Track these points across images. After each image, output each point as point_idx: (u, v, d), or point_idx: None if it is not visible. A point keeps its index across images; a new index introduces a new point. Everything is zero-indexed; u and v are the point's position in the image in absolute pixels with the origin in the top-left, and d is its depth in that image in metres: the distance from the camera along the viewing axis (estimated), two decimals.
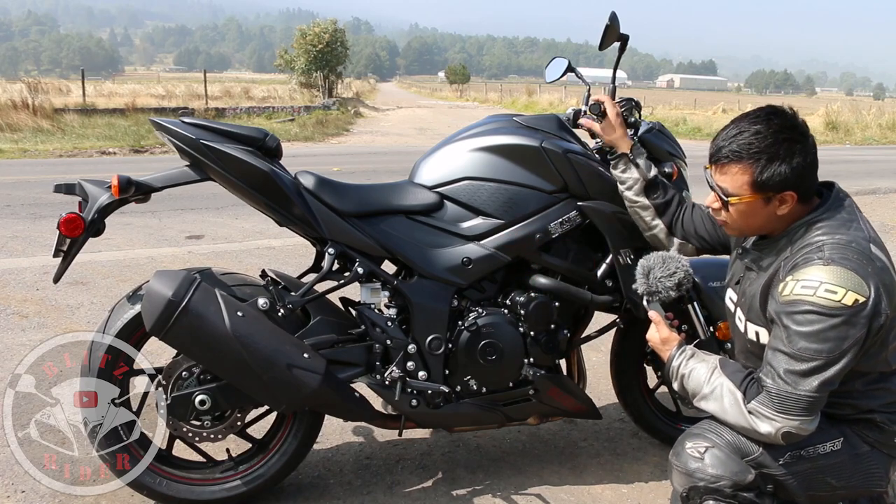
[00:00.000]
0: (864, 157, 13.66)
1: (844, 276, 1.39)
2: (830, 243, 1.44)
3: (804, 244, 1.48)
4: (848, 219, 1.50)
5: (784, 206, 1.50)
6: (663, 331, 1.68)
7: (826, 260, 1.41)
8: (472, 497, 2.15)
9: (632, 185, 1.96)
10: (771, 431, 1.43)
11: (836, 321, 1.38)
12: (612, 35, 2.23)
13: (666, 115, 21.82)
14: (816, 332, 1.39)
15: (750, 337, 1.62)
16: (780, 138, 1.47)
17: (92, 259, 4.48)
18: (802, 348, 1.40)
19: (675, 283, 1.68)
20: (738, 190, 1.51)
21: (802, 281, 1.41)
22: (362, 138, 15.16)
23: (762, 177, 1.47)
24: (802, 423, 1.42)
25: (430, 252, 1.99)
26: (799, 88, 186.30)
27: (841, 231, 1.46)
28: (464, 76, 65.37)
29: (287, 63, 27.04)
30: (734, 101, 37.74)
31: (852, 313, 1.37)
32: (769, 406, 1.43)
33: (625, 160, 1.97)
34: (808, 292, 1.40)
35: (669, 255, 1.73)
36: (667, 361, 1.64)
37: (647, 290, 1.72)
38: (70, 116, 13.88)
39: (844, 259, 1.41)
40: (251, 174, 1.83)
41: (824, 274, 1.40)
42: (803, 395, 1.40)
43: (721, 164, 1.53)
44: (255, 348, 1.77)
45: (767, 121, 1.49)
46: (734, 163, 1.50)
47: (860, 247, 1.44)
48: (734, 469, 1.49)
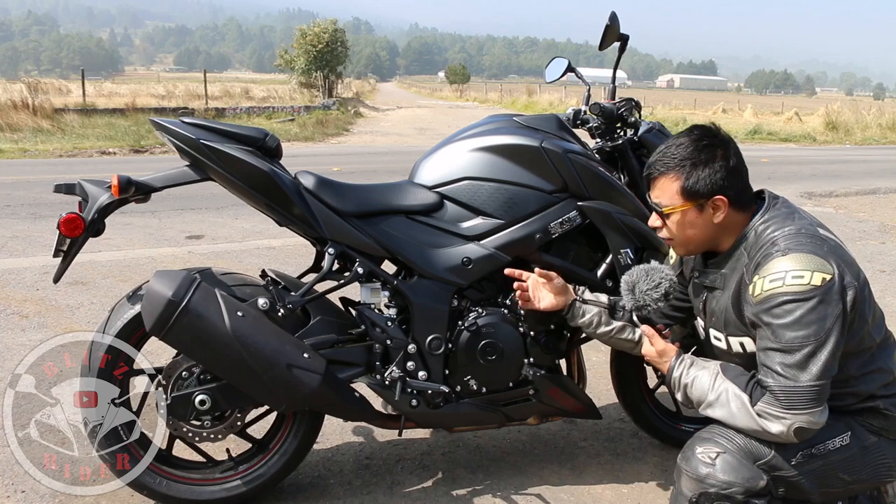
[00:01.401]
0: (864, 157, 13.66)
1: (805, 259, 1.44)
2: (783, 236, 1.50)
3: (759, 245, 1.53)
4: (789, 212, 1.57)
5: (718, 212, 1.56)
6: (658, 343, 1.69)
7: (784, 250, 1.47)
8: (472, 497, 2.15)
9: (597, 320, 1.94)
10: (783, 430, 1.44)
11: (812, 303, 1.42)
12: (612, 35, 2.23)
13: (666, 115, 21.82)
14: (798, 320, 1.42)
15: (736, 350, 1.63)
16: (701, 145, 1.57)
17: (92, 259, 4.48)
18: (790, 339, 1.43)
19: (661, 293, 1.71)
20: (670, 200, 1.59)
21: (769, 276, 1.46)
22: (362, 138, 15.16)
23: (689, 182, 1.56)
24: (812, 415, 1.43)
25: (430, 252, 1.99)
26: (799, 88, 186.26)
27: (787, 223, 1.53)
28: (464, 76, 65.37)
29: (287, 63, 27.03)
30: (734, 101, 37.76)
31: (824, 291, 1.42)
32: (776, 405, 1.43)
33: (575, 308, 1.94)
34: (776, 284, 1.44)
35: (652, 266, 1.76)
36: (667, 373, 1.65)
37: (634, 305, 1.74)
38: (70, 116, 13.88)
39: (800, 245, 1.47)
40: (251, 174, 1.83)
41: (786, 263, 1.45)
42: (806, 385, 1.41)
43: (653, 178, 1.62)
44: (255, 348, 1.77)
45: (689, 133, 1.63)
46: (663, 175, 1.60)
47: (809, 231, 1.51)
48: (746, 475, 1.48)
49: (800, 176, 9.95)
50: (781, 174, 9.91)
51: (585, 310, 1.94)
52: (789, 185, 8.72)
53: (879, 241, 5.93)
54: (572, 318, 1.95)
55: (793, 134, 18.72)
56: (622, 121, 2.25)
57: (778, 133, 18.78)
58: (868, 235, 6.14)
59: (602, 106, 2.21)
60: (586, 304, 1.94)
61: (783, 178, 9.40)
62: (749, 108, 28.52)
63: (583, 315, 1.94)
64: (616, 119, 2.24)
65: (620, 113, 2.23)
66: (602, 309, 1.93)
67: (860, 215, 7.09)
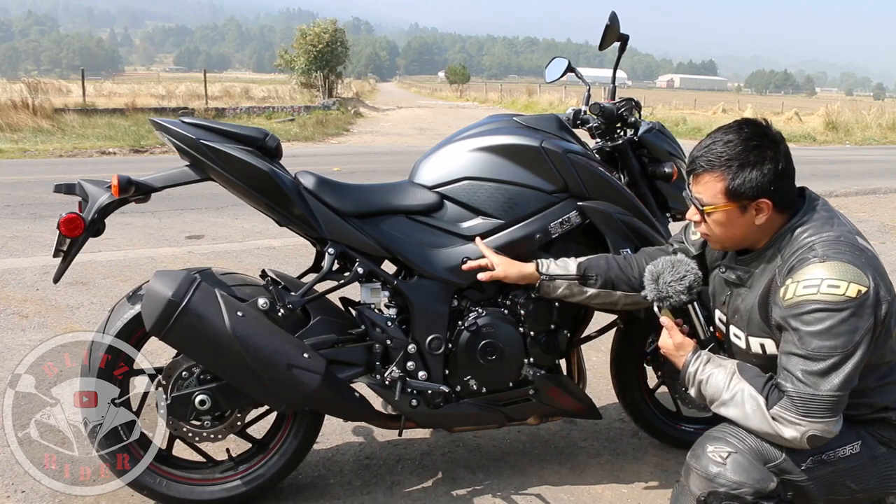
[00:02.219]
0: (864, 157, 13.66)
1: (843, 269, 1.40)
2: (821, 241, 1.46)
3: (794, 248, 1.49)
4: (828, 217, 1.53)
5: (761, 214, 1.52)
6: (677, 336, 1.66)
7: (821, 257, 1.43)
8: (472, 497, 2.15)
9: (571, 290, 1.90)
10: (796, 436, 1.42)
11: (845, 314, 1.38)
12: (612, 35, 2.23)
13: (666, 115, 21.83)
14: (827, 329, 1.39)
15: (755, 350, 1.60)
16: (751, 146, 1.50)
17: (92, 259, 4.48)
18: (816, 347, 1.40)
19: (685, 286, 1.67)
20: (713, 199, 1.54)
21: (803, 281, 1.42)
22: (362, 138, 15.16)
23: (734, 183, 1.50)
24: (827, 424, 1.41)
25: (430, 252, 1.99)
26: (799, 88, 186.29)
27: (826, 229, 1.49)
28: (464, 76, 65.38)
29: (287, 63, 27.03)
30: (734, 101, 37.77)
31: (858, 304, 1.39)
32: (792, 410, 1.42)
33: (545, 283, 1.90)
34: (811, 291, 1.41)
35: (678, 258, 1.73)
36: (682, 367, 1.63)
37: (657, 296, 1.71)
38: (70, 116, 13.88)
39: (838, 253, 1.43)
40: (251, 174, 1.83)
41: (823, 270, 1.41)
42: (825, 395, 1.39)
43: (696, 174, 1.56)
44: (255, 348, 1.77)
45: (739, 130, 1.53)
46: (707, 172, 1.53)
47: (848, 240, 1.47)
48: (757, 476, 1.47)
49: (800, 176, 9.72)
50: None
51: (554, 286, 1.91)
52: None
53: (879, 241, 5.93)
54: (544, 293, 1.93)
55: (793, 134, 18.72)
56: (622, 121, 2.24)
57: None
58: (868, 235, 6.04)
59: (602, 106, 2.21)
60: (553, 280, 1.90)
61: None
62: (749, 108, 28.52)
63: (554, 290, 1.91)
64: (616, 119, 2.24)
65: (620, 113, 2.23)
66: (570, 281, 1.90)
67: (860, 215, 7.08)
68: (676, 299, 1.69)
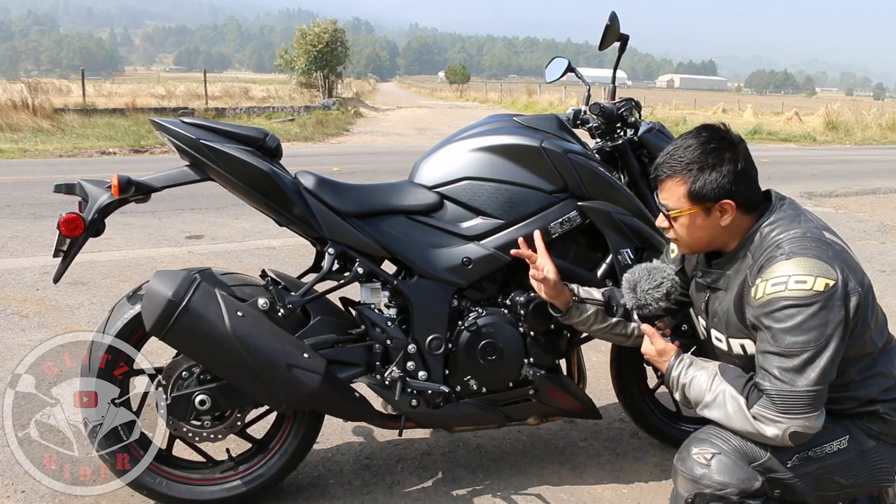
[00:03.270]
0: (864, 157, 13.66)
1: (809, 264, 1.43)
2: (788, 239, 1.49)
3: (763, 248, 1.52)
4: (795, 214, 1.55)
5: (725, 216, 1.55)
6: (658, 342, 1.68)
7: (788, 254, 1.46)
8: (472, 497, 2.15)
9: (594, 318, 1.90)
10: (778, 434, 1.43)
11: (814, 308, 1.41)
12: (612, 35, 2.23)
13: (666, 115, 21.83)
14: (798, 325, 1.41)
15: (737, 352, 1.62)
16: (709, 148, 1.54)
17: (92, 259, 4.48)
18: (789, 344, 1.42)
19: (662, 293, 1.71)
20: (677, 203, 1.58)
21: (772, 279, 1.45)
22: (362, 138, 15.16)
23: (695, 186, 1.54)
24: (808, 420, 1.42)
25: (430, 252, 1.99)
26: (799, 88, 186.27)
27: (793, 226, 1.52)
28: (464, 76, 65.38)
29: (287, 63, 27.01)
30: (734, 101, 37.77)
31: (827, 297, 1.41)
32: (772, 408, 1.43)
33: (575, 307, 1.89)
34: (779, 288, 1.43)
35: (654, 265, 1.76)
36: (665, 372, 1.65)
37: (635, 304, 1.74)
38: (70, 116, 13.87)
39: (804, 249, 1.46)
40: (251, 174, 1.83)
41: (790, 267, 1.44)
42: (803, 390, 1.41)
43: (660, 180, 1.61)
44: (255, 348, 1.77)
45: (697, 135, 1.58)
46: (670, 178, 1.58)
47: (815, 235, 1.50)
48: (741, 476, 1.49)
49: (800, 176, 9.95)
50: (781, 174, 9.91)
51: (583, 309, 1.92)
52: (789, 185, 8.71)
53: (879, 241, 5.93)
54: (568, 317, 1.92)
55: (793, 134, 18.73)
56: (622, 121, 2.25)
57: (778, 133, 18.79)
58: (868, 235, 6.14)
59: (602, 106, 2.21)
60: (584, 303, 1.92)
61: (783, 178, 9.40)
62: (749, 108, 28.53)
63: (580, 314, 1.91)
64: (616, 119, 2.24)
65: (620, 113, 2.23)
66: (598, 307, 1.92)
67: (860, 215, 7.09)
68: (655, 306, 1.73)
